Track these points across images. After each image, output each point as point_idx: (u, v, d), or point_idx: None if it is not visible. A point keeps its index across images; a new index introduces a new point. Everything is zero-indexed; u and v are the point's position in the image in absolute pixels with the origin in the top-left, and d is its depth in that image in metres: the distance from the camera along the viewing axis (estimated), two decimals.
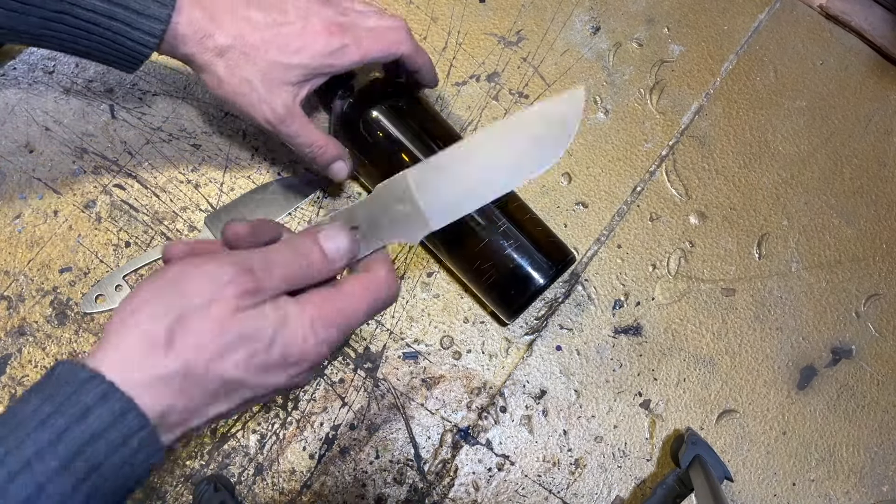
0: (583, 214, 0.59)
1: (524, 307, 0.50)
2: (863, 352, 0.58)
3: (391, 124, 0.49)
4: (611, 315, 0.57)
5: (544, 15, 0.64)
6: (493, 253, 0.48)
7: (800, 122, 0.63)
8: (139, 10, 0.39)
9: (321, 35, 0.43)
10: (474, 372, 0.54)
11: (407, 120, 0.50)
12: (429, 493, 0.52)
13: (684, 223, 0.60)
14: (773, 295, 0.59)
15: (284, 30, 0.43)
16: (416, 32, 0.62)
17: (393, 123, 0.49)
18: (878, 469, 0.56)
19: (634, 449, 0.55)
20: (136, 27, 0.39)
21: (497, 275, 0.48)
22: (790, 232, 0.61)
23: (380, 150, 0.50)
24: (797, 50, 0.65)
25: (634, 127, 0.62)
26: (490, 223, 0.48)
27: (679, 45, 0.64)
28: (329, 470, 0.51)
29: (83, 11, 0.38)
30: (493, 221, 0.48)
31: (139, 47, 0.41)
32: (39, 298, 0.52)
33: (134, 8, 0.39)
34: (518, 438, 0.54)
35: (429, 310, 0.55)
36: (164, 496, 0.49)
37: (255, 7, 0.43)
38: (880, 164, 0.63)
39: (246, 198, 0.55)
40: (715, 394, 0.56)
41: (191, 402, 0.29)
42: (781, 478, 0.55)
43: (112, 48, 0.40)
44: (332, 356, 0.53)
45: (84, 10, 0.38)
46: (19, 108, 0.56)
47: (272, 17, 0.43)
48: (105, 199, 0.54)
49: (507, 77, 0.61)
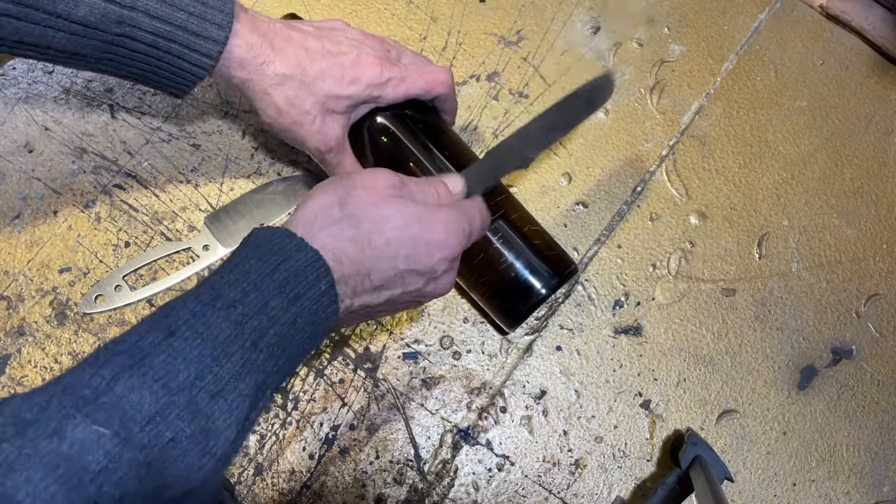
0: (583, 214, 0.59)
1: (525, 317, 0.50)
2: (863, 352, 0.58)
3: (401, 133, 0.49)
4: (611, 315, 0.57)
5: (544, 15, 0.64)
6: (494, 262, 0.48)
7: (800, 122, 0.63)
8: (197, 31, 0.40)
9: (374, 66, 0.45)
10: (474, 372, 0.54)
11: (417, 132, 0.50)
12: (429, 494, 0.52)
13: (684, 223, 0.60)
14: (773, 295, 0.59)
15: (340, 60, 0.44)
16: (416, 32, 0.62)
17: (402, 133, 0.49)
18: (879, 469, 0.56)
19: (634, 449, 0.55)
20: (193, 49, 0.40)
21: (498, 284, 0.48)
22: (790, 232, 0.61)
23: (389, 157, 0.49)
24: (797, 50, 0.65)
25: (634, 127, 0.61)
26: (491, 233, 0.48)
27: (679, 45, 0.64)
28: (329, 470, 0.51)
29: (143, 34, 0.39)
30: (495, 231, 0.48)
31: (195, 69, 0.41)
32: (39, 298, 0.52)
33: (192, 30, 0.40)
34: (518, 439, 0.54)
35: (428, 310, 0.55)
36: None
37: (312, 36, 0.45)
38: (881, 164, 0.63)
39: (246, 198, 0.55)
40: (715, 394, 0.56)
41: (354, 271, 0.35)
42: (782, 478, 0.55)
43: (169, 71, 0.41)
44: (331, 357, 0.53)
45: (144, 33, 0.39)
46: (19, 108, 0.56)
47: (327, 46, 0.44)
48: (105, 199, 0.54)
49: (507, 77, 0.61)
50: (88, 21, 0.37)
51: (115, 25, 0.38)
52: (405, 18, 0.62)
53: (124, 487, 0.25)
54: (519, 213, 0.50)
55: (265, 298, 0.32)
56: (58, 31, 0.37)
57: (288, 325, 0.32)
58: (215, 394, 0.29)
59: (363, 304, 0.37)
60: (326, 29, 0.46)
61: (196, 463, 0.27)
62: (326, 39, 0.45)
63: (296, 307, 0.33)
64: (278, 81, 0.43)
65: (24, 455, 0.23)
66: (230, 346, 0.30)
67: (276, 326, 0.32)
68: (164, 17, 0.39)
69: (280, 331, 0.32)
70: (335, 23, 0.48)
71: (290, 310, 0.32)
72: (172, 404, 0.27)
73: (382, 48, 0.47)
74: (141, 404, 0.26)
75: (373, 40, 0.47)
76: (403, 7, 0.62)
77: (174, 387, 0.28)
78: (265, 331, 0.32)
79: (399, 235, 0.37)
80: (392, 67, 0.46)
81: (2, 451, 0.23)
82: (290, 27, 0.45)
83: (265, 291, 0.32)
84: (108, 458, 0.24)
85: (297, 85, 0.43)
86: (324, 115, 0.45)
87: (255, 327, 0.31)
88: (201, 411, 0.28)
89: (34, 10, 0.35)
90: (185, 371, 0.28)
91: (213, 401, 0.28)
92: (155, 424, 0.26)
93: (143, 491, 0.25)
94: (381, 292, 0.37)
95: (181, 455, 0.27)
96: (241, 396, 0.30)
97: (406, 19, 0.62)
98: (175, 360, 0.28)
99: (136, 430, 0.26)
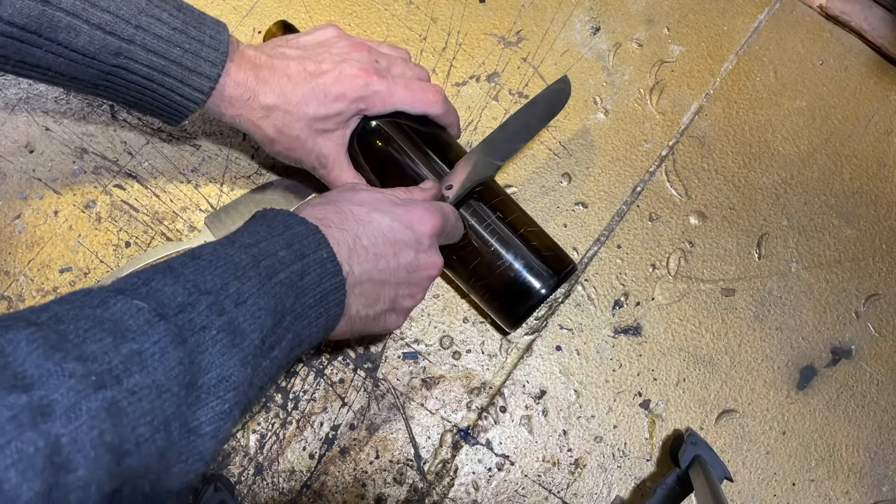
0: (583, 214, 0.59)
1: (526, 317, 0.50)
2: (862, 352, 0.59)
3: (399, 139, 0.49)
4: (610, 315, 0.57)
5: (544, 15, 0.64)
6: (493, 264, 0.48)
7: (800, 122, 0.64)
8: (191, 67, 0.41)
9: (358, 79, 0.45)
10: (474, 372, 0.55)
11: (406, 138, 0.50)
12: (429, 493, 0.52)
13: (684, 223, 0.60)
14: (772, 295, 0.59)
15: (321, 80, 0.45)
16: (416, 32, 0.62)
17: (399, 138, 0.49)
18: (878, 469, 0.56)
19: (634, 449, 0.55)
20: (186, 83, 0.42)
21: (498, 286, 0.48)
22: (790, 232, 0.61)
23: (387, 163, 0.50)
24: (797, 50, 0.65)
25: (634, 127, 0.62)
26: (489, 234, 0.48)
27: (679, 46, 0.64)
28: (329, 470, 0.51)
29: (139, 66, 0.40)
30: (493, 233, 0.48)
31: (187, 102, 0.43)
32: (39, 299, 0.52)
33: (187, 66, 0.41)
34: (518, 438, 0.54)
35: (428, 310, 0.55)
36: None
37: (295, 60, 0.45)
38: (880, 164, 0.63)
39: (246, 198, 0.55)
40: (715, 394, 0.56)
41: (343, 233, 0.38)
42: (781, 478, 0.55)
43: (162, 102, 0.43)
44: (331, 357, 0.53)
45: (140, 66, 0.40)
46: (19, 108, 0.56)
47: (309, 68, 0.45)
48: (105, 199, 0.54)
49: (507, 77, 0.61)
50: (87, 51, 0.38)
51: (113, 57, 0.39)
52: (405, 19, 0.62)
53: (163, 350, 0.27)
54: (516, 214, 0.50)
55: (275, 248, 0.35)
56: (58, 57, 0.38)
57: (297, 276, 0.35)
58: (239, 303, 0.31)
59: (364, 272, 0.39)
60: (311, 46, 0.47)
61: (228, 352, 0.30)
62: (309, 60, 0.45)
63: (302, 263, 0.35)
64: (264, 114, 0.45)
65: (71, 315, 0.26)
66: (248, 272, 0.33)
67: (286, 271, 0.34)
68: (160, 52, 0.40)
69: (291, 277, 0.34)
70: (325, 32, 0.48)
71: (298, 263, 0.35)
72: (202, 301, 0.30)
73: (369, 59, 0.47)
74: (174, 296, 0.29)
75: (360, 51, 0.47)
76: (403, 7, 0.62)
77: (203, 289, 0.30)
78: (277, 271, 0.34)
79: (378, 207, 0.41)
80: (379, 80, 0.46)
81: (49, 309, 0.26)
82: (274, 55, 0.45)
83: (274, 243, 0.35)
84: (149, 324, 0.27)
85: (283, 114, 0.45)
86: (314, 136, 0.46)
87: (269, 266, 0.34)
88: (227, 312, 0.30)
89: (37, 35, 0.37)
90: (211, 280, 0.31)
91: (238, 308, 0.31)
92: (188, 312, 0.29)
93: (181, 365, 0.27)
94: (378, 261, 0.40)
95: (213, 343, 0.29)
96: (263, 310, 0.32)
97: (406, 20, 0.62)
98: (202, 272, 0.31)
99: (170, 313, 0.28)
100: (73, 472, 0.22)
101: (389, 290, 0.41)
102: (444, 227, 0.43)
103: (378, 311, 0.42)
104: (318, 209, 0.40)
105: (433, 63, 0.61)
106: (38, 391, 0.22)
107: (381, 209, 0.41)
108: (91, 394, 0.23)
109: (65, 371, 0.23)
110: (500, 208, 0.49)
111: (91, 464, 0.23)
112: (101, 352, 0.25)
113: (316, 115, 0.45)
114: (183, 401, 0.27)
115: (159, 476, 0.26)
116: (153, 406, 0.26)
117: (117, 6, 0.38)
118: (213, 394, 0.29)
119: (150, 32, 0.40)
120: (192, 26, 0.41)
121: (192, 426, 0.28)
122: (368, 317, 0.41)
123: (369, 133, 0.49)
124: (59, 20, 0.37)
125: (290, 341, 0.34)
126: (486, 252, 0.48)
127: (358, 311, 0.40)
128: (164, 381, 0.26)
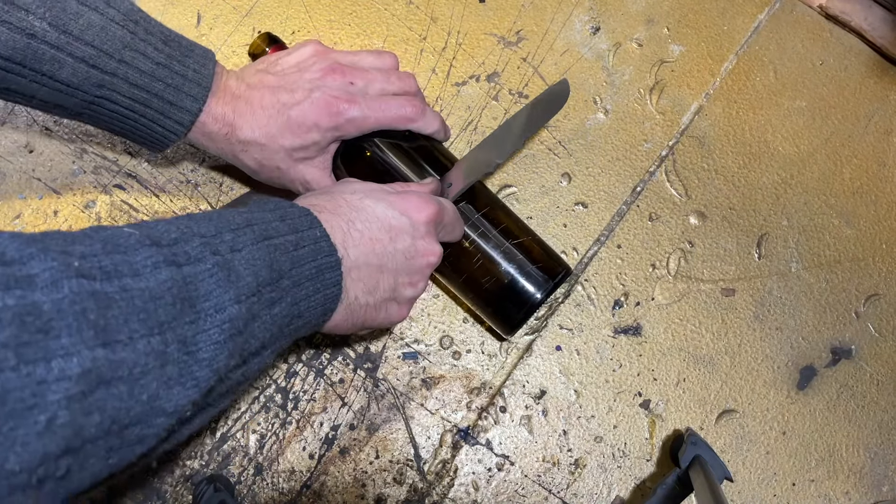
0: (582, 214, 0.59)
1: (522, 322, 0.50)
2: (862, 352, 0.59)
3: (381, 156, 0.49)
4: (610, 315, 0.57)
5: (544, 15, 0.64)
6: (488, 270, 0.48)
7: (800, 122, 0.64)
8: (172, 101, 0.42)
9: (329, 106, 0.45)
10: (474, 372, 0.54)
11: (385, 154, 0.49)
12: (429, 493, 0.52)
13: (684, 223, 0.60)
14: (772, 295, 0.59)
15: (293, 112, 0.45)
16: (416, 32, 0.62)
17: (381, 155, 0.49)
18: (878, 469, 0.56)
19: (634, 449, 0.55)
20: (167, 116, 0.42)
21: (493, 292, 0.48)
22: (790, 232, 0.61)
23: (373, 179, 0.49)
24: (797, 50, 0.65)
25: (634, 127, 0.62)
26: (483, 241, 0.48)
27: (679, 46, 0.64)
28: (329, 470, 0.51)
29: (122, 98, 0.41)
30: (487, 239, 0.48)
31: (168, 133, 0.44)
32: None
33: (168, 99, 0.42)
34: (518, 438, 0.54)
35: (428, 310, 0.55)
36: (164, 496, 0.49)
37: (270, 90, 0.45)
38: (880, 164, 0.63)
39: (245, 198, 0.55)
40: (715, 394, 0.56)
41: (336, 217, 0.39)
42: (781, 478, 0.55)
43: (143, 132, 0.43)
44: (331, 357, 0.53)
45: (122, 97, 0.41)
46: (19, 108, 0.56)
47: (283, 99, 0.45)
48: (105, 199, 0.54)
49: (507, 77, 0.61)
50: (71, 82, 0.39)
51: (96, 88, 0.40)
52: (405, 18, 0.62)
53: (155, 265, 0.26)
54: (510, 219, 0.50)
55: (269, 219, 0.35)
56: (42, 86, 0.39)
57: (292, 245, 0.34)
58: (235, 250, 0.31)
59: (360, 256, 0.39)
60: (290, 71, 0.46)
61: (223, 285, 0.29)
62: (283, 90, 0.45)
63: (296, 236, 0.35)
64: (243, 148, 0.45)
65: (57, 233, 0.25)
66: (243, 228, 0.32)
67: (280, 238, 0.34)
68: (142, 86, 0.41)
69: (285, 245, 0.34)
70: (303, 52, 0.47)
71: (292, 236, 0.35)
72: (195, 239, 0.29)
73: (343, 84, 0.46)
74: (167, 231, 0.29)
75: (334, 75, 0.46)
76: (403, 7, 0.62)
77: (196, 231, 0.30)
78: (272, 236, 0.34)
79: (370, 195, 0.41)
80: (351, 106, 0.45)
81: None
82: (252, 84, 0.45)
83: (267, 216, 0.35)
84: (140, 245, 0.27)
85: (261, 148, 0.45)
86: (295, 164, 0.47)
87: (263, 231, 0.34)
88: (222, 253, 0.30)
89: (22, 66, 0.37)
90: (205, 227, 0.31)
91: (233, 254, 0.31)
92: (181, 245, 0.28)
93: (174, 281, 0.27)
94: (374, 245, 0.40)
95: (208, 274, 0.29)
96: (259, 261, 0.32)
97: (406, 19, 0.62)
98: (195, 220, 0.31)
99: (163, 243, 0.28)
100: (56, 339, 0.22)
101: (388, 276, 0.41)
102: (440, 217, 0.43)
103: (379, 300, 0.41)
104: (310, 198, 0.40)
105: (433, 63, 0.61)
106: (17, 267, 0.22)
107: (374, 196, 0.41)
108: (74, 277, 0.23)
109: (48, 256, 0.23)
110: (493, 214, 0.49)
111: (75, 335, 0.22)
112: (91, 253, 0.25)
113: (292, 146, 0.45)
114: (178, 315, 0.27)
115: (158, 389, 0.26)
116: (146, 307, 0.25)
117: (101, 40, 0.39)
118: (209, 320, 0.28)
119: (134, 67, 0.40)
120: (176, 60, 0.42)
121: (189, 349, 0.27)
122: (369, 305, 0.41)
123: (351, 154, 0.49)
124: (44, 53, 0.37)
125: (290, 307, 0.34)
126: (481, 258, 0.48)
127: (357, 297, 0.40)
128: (156, 290, 0.26)
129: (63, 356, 0.22)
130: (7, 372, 0.20)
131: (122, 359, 0.24)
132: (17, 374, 0.20)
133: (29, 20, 0.36)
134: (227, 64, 0.58)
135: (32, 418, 0.21)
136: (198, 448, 0.51)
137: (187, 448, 0.50)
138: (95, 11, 0.38)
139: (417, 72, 0.60)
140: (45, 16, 0.36)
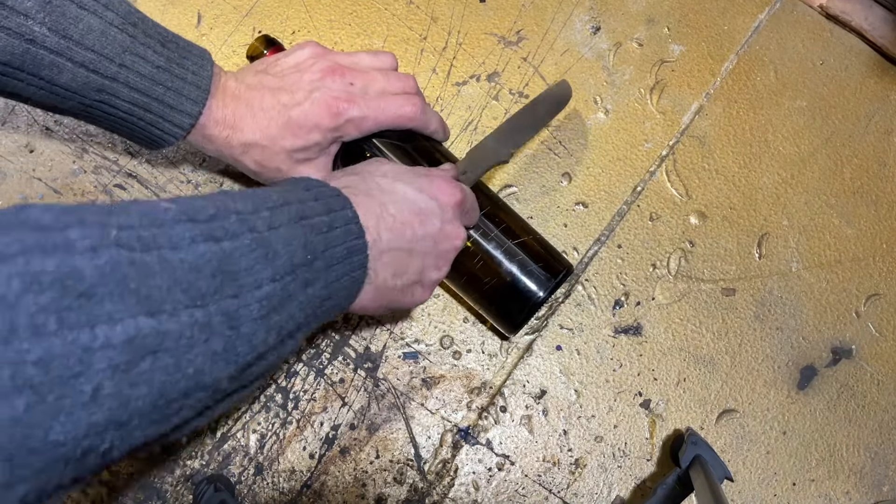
0: (583, 214, 0.59)
1: (525, 321, 0.50)
2: (863, 352, 0.59)
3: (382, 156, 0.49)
4: (611, 315, 0.57)
5: (544, 15, 0.64)
6: (490, 270, 0.48)
7: (800, 122, 0.64)
8: (172, 104, 0.42)
9: (329, 107, 0.45)
10: (474, 372, 0.54)
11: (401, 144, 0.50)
12: (429, 493, 0.52)
13: (684, 223, 0.60)
14: (773, 295, 0.59)
15: (294, 113, 0.44)
16: (417, 32, 0.62)
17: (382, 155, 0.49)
18: (878, 469, 0.56)
19: (634, 449, 0.55)
20: (167, 119, 0.42)
21: (496, 291, 0.48)
22: (790, 232, 0.61)
23: None
24: (797, 50, 0.65)
25: (634, 127, 0.62)
26: (485, 240, 0.48)
27: (679, 45, 0.64)
28: (329, 470, 0.51)
29: (121, 102, 0.41)
30: (489, 238, 0.48)
31: (167, 136, 0.43)
32: None
33: (168, 103, 0.42)
34: (518, 438, 0.54)
35: (429, 309, 0.55)
36: (164, 496, 0.49)
37: (270, 91, 0.45)
38: (880, 164, 0.63)
39: None
40: (715, 394, 0.56)
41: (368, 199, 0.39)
42: (781, 478, 0.55)
43: (143, 134, 0.43)
44: (331, 357, 0.53)
45: (122, 101, 0.41)
46: (19, 108, 0.56)
47: (283, 100, 0.45)
48: (105, 200, 0.54)
49: (507, 77, 0.61)
50: (70, 87, 0.39)
51: (96, 92, 0.40)
52: (405, 18, 0.62)
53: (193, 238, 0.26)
54: (511, 218, 0.50)
55: (305, 198, 0.35)
56: (40, 90, 0.39)
57: (326, 226, 0.34)
58: (272, 227, 0.30)
59: (392, 239, 0.39)
60: (289, 72, 0.46)
61: (262, 262, 0.29)
62: (283, 91, 0.45)
63: (329, 217, 0.35)
64: (243, 150, 0.45)
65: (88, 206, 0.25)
66: (280, 206, 0.32)
67: (316, 219, 0.34)
68: (142, 90, 0.41)
69: (320, 225, 0.34)
70: (302, 53, 0.47)
71: (326, 216, 0.35)
72: (231, 216, 0.29)
73: (343, 83, 0.46)
74: (205, 207, 0.28)
75: (333, 76, 0.46)
76: (403, 7, 0.62)
77: (233, 209, 0.29)
78: (308, 215, 0.33)
79: (401, 178, 0.42)
80: (352, 106, 0.45)
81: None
82: (252, 85, 0.45)
83: (303, 195, 0.35)
84: (177, 220, 0.26)
85: (261, 149, 0.45)
86: (296, 165, 0.46)
87: (299, 210, 0.33)
88: (259, 231, 0.29)
89: (20, 71, 0.37)
90: (242, 204, 0.30)
91: (270, 232, 0.30)
92: (219, 220, 0.28)
93: (212, 254, 0.26)
94: (405, 229, 0.40)
95: (247, 249, 0.28)
96: (295, 240, 0.31)
97: (406, 19, 0.62)
98: (232, 197, 0.31)
99: (201, 219, 0.27)
100: (100, 305, 0.21)
101: (417, 259, 0.41)
102: (465, 202, 0.44)
103: (406, 283, 0.42)
104: (342, 179, 0.41)
105: (433, 62, 0.61)
106: (55, 233, 0.21)
107: (405, 179, 0.42)
108: (113, 246, 0.22)
109: (85, 224, 0.22)
110: (494, 214, 0.49)
111: (118, 302, 0.21)
112: (128, 225, 0.24)
113: (293, 148, 0.45)
114: (220, 288, 0.26)
115: (203, 364, 0.25)
116: (187, 278, 0.24)
117: (101, 45, 0.38)
118: (248, 296, 0.27)
119: (134, 71, 0.40)
120: (175, 63, 0.41)
121: (232, 322, 0.26)
122: (396, 287, 0.41)
123: (353, 154, 0.49)
124: (43, 58, 0.37)
125: (322, 289, 0.33)
126: (483, 257, 0.48)
127: (386, 280, 0.40)
128: (195, 262, 0.25)
129: (107, 322, 0.21)
130: (50, 337, 0.19)
131: (167, 329, 0.23)
132: (62, 340, 0.20)
133: (28, 25, 0.36)
134: (227, 64, 0.58)
135: (78, 387, 0.20)
136: (198, 448, 0.51)
137: (187, 448, 0.50)
138: (94, 15, 0.38)
139: (418, 72, 0.60)
140: (44, 20, 0.36)
